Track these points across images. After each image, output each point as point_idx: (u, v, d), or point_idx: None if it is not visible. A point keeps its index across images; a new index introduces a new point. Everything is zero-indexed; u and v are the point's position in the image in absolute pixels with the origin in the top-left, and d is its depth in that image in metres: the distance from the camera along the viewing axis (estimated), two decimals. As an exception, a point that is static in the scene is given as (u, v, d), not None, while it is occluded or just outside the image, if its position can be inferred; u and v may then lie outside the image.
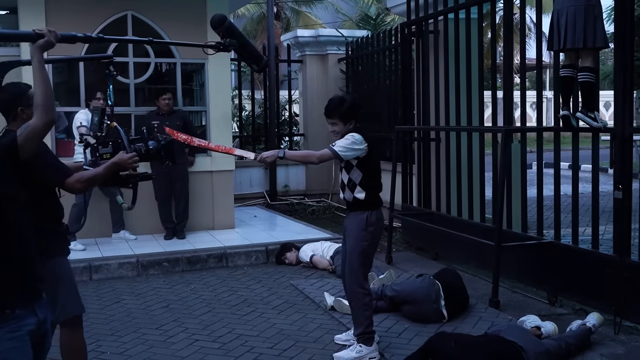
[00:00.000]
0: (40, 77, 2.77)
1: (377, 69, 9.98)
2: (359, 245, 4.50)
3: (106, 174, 3.42)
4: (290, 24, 23.83)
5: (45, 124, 2.75)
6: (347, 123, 4.46)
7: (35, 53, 2.81)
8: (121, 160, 3.42)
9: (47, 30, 2.85)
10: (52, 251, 3.46)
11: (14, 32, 3.16)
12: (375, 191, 4.54)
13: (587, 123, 5.26)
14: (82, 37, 3.22)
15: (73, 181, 3.37)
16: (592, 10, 5.11)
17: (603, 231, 6.51)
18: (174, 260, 7.20)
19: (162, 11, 8.27)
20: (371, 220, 4.46)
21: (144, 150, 3.59)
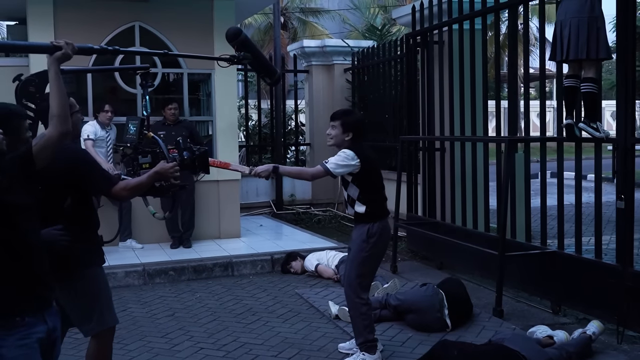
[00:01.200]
0: (57, 89, 2.83)
1: (382, 79, 10.04)
2: (358, 256, 4.53)
3: (149, 182, 3.50)
4: (297, 34, 23.95)
5: (61, 134, 2.81)
6: (345, 132, 4.49)
7: (52, 65, 2.87)
8: (163, 169, 3.48)
9: (64, 43, 2.90)
10: (92, 260, 3.52)
11: (32, 44, 3.21)
12: (377, 203, 4.57)
13: (590, 133, 5.29)
14: (98, 48, 3.28)
15: (119, 189, 3.46)
16: (595, 22, 5.15)
17: (608, 241, 6.53)
18: (180, 269, 7.25)
19: (169, 22, 8.36)
20: (372, 231, 4.48)
21: (180, 160, 3.64)
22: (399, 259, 7.69)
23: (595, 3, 5.16)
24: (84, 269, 3.45)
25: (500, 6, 6.53)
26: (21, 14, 8.47)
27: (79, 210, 3.47)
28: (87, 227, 3.54)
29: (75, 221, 3.41)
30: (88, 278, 3.47)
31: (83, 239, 3.44)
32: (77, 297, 3.44)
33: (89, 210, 3.57)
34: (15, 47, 3.30)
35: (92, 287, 3.49)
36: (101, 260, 3.65)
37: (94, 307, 3.49)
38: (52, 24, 7.86)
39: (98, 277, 3.56)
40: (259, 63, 3.90)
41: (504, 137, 6.38)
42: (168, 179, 3.54)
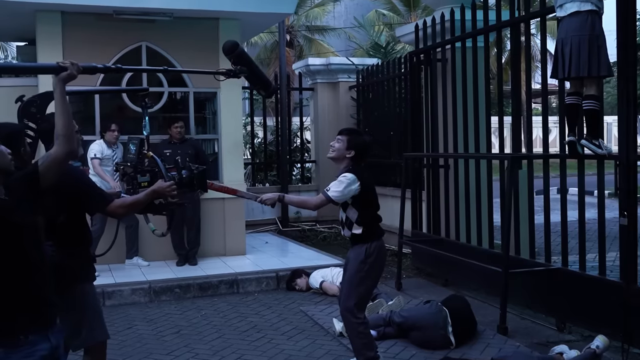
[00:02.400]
0: (62, 108, 2.88)
1: (387, 96, 10.10)
2: (355, 277, 4.54)
3: (146, 200, 3.57)
4: (303, 51, 24.05)
5: (66, 154, 2.86)
6: (348, 149, 4.53)
7: (57, 85, 2.93)
8: (160, 188, 3.56)
9: (69, 63, 2.96)
10: (81, 277, 3.57)
11: (38, 65, 3.28)
12: (373, 224, 4.59)
13: (592, 150, 5.32)
14: (101, 67, 3.34)
15: (115, 207, 3.53)
16: (596, 40, 5.19)
17: (614, 257, 6.53)
18: (185, 287, 7.29)
19: (175, 42, 8.46)
20: (370, 251, 4.50)
21: (178, 179, 3.71)
22: (404, 276, 7.71)
23: (595, 21, 5.20)
24: (74, 285, 3.51)
25: (502, 24, 6.60)
26: (30, 34, 8.58)
27: (72, 227, 3.54)
28: (79, 243, 3.61)
29: (68, 238, 3.49)
30: (78, 293, 3.53)
31: (74, 255, 3.52)
32: (67, 312, 3.45)
33: (82, 227, 3.64)
34: (22, 69, 3.37)
35: (82, 303, 3.55)
36: (92, 276, 3.71)
37: (83, 322, 3.55)
38: (60, 44, 7.97)
39: (88, 293, 3.63)
40: (254, 76, 3.96)
41: (506, 154, 6.41)
42: (166, 197, 3.61)
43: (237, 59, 3.79)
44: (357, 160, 4.57)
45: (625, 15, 5.13)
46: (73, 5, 7.70)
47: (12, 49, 22.21)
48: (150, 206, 3.66)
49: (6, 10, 7.81)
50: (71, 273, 3.47)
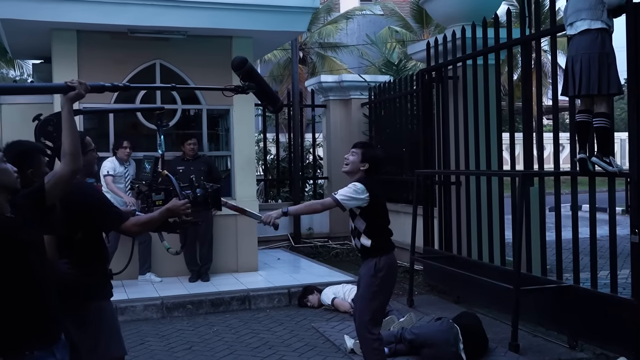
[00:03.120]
0: (69, 127, 2.95)
1: (399, 113, 10.15)
2: (367, 292, 4.57)
3: (160, 219, 3.61)
4: (316, 68, 24.20)
5: (73, 172, 2.92)
6: (362, 161, 4.59)
7: (65, 104, 2.99)
8: (174, 206, 3.59)
9: (77, 83, 3.03)
10: (97, 294, 3.60)
11: (46, 86, 3.37)
12: (383, 238, 4.61)
13: (603, 168, 5.32)
14: (109, 86, 3.41)
15: (130, 225, 3.56)
16: (606, 58, 5.21)
17: (627, 275, 6.50)
18: (197, 303, 7.32)
19: (189, 60, 8.56)
20: (379, 266, 4.52)
21: (192, 197, 3.75)
22: (416, 293, 7.70)
23: (605, 39, 5.23)
24: (91, 302, 3.54)
25: (513, 42, 6.63)
26: (46, 52, 8.73)
27: (88, 244, 3.57)
28: (95, 260, 3.63)
29: (84, 255, 3.53)
30: (95, 310, 3.56)
31: (91, 272, 3.54)
32: (84, 328, 3.52)
33: (98, 244, 3.67)
34: (32, 89, 3.44)
35: (99, 319, 3.57)
36: (109, 293, 3.73)
37: (100, 338, 3.56)
38: (76, 62, 8.09)
39: (105, 309, 3.65)
40: (262, 92, 4.00)
41: (517, 172, 6.42)
42: (179, 216, 3.64)
43: (245, 75, 3.84)
44: (371, 173, 4.63)
45: (635, 32, 5.15)
46: (88, 24, 7.82)
47: (27, 66, 22.51)
48: (165, 224, 3.70)
49: (23, 29, 7.95)
50: (87, 290, 3.51)
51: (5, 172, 2.63)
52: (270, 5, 8.46)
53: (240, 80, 3.85)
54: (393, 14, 25.51)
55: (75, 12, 7.58)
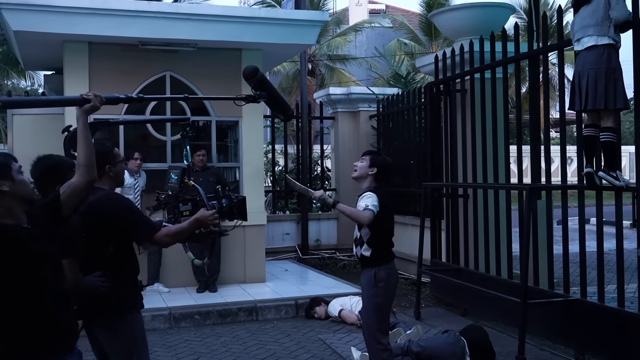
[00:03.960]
0: (84, 139, 3.00)
1: (407, 125, 10.18)
2: (370, 302, 4.63)
3: (190, 229, 3.60)
4: (324, 80, 24.29)
5: (88, 182, 2.96)
6: (370, 166, 4.69)
7: (81, 116, 3.05)
8: (203, 217, 3.58)
9: (93, 95, 3.09)
10: (129, 305, 3.62)
11: (62, 98, 3.42)
12: (384, 248, 4.67)
13: (610, 182, 5.34)
14: (123, 98, 3.45)
15: (162, 235, 3.56)
16: (613, 73, 5.24)
17: (635, 289, 6.49)
18: (205, 313, 7.35)
19: (198, 72, 8.64)
20: (380, 276, 4.58)
21: (218, 207, 3.78)
22: (423, 305, 7.71)
23: (612, 55, 5.26)
24: (124, 314, 3.56)
25: (521, 56, 6.67)
26: (58, 64, 8.83)
27: (120, 256, 3.58)
28: (128, 272, 3.65)
29: (117, 267, 3.53)
30: (127, 323, 3.58)
31: (123, 284, 3.56)
32: (116, 340, 3.56)
33: (130, 256, 3.68)
34: (48, 102, 3.47)
35: (130, 331, 3.60)
36: (140, 304, 3.75)
37: (132, 349, 3.59)
38: (87, 74, 8.17)
39: (136, 321, 3.67)
40: (273, 101, 4.03)
41: (525, 185, 6.44)
42: (207, 226, 3.64)
43: (257, 84, 3.88)
44: (379, 178, 4.72)
45: (642, 48, 5.18)
46: (100, 37, 7.91)
47: (39, 77, 22.70)
48: (192, 235, 3.69)
49: (35, 41, 8.04)
50: (119, 302, 3.53)
51: (23, 184, 2.68)
52: (280, 19, 8.55)
53: (252, 89, 3.89)
54: (402, 26, 25.65)
55: (87, 25, 7.67)
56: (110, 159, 3.63)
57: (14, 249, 2.57)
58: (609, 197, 5.72)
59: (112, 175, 3.63)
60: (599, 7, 5.29)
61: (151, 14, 7.90)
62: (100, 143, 3.72)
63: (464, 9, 8.62)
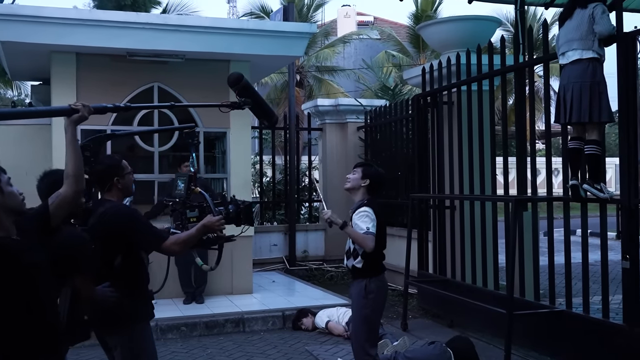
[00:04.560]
0: (73, 150, 3.01)
1: (394, 137, 10.22)
2: (360, 314, 4.65)
3: (197, 235, 3.66)
4: (313, 91, 24.36)
5: (76, 193, 2.97)
6: (363, 178, 4.73)
7: (69, 127, 3.05)
8: (210, 222, 3.64)
9: (81, 105, 3.10)
10: (139, 315, 3.68)
11: (51, 109, 3.44)
12: (375, 261, 4.68)
13: (594, 194, 5.39)
14: (111, 107, 3.47)
15: (170, 244, 3.61)
16: (598, 87, 5.31)
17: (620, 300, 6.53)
18: (192, 325, 7.32)
19: (186, 83, 8.64)
20: (370, 287, 4.59)
21: (225, 213, 3.83)
22: (410, 317, 7.72)
23: (597, 68, 5.33)
24: (133, 324, 3.61)
25: (507, 69, 6.74)
26: (45, 74, 8.81)
27: (129, 267, 3.63)
28: (137, 283, 3.70)
29: (126, 278, 3.59)
30: (136, 332, 3.64)
31: (132, 294, 3.60)
32: (127, 349, 3.61)
33: (139, 266, 3.73)
34: (36, 113, 3.48)
35: (140, 340, 3.65)
36: (150, 314, 3.81)
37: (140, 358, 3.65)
38: (74, 85, 8.16)
39: (146, 331, 3.74)
40: (258, 107, 4.05)
41: (511, 197, 6.49)
42: (215, 232, 3.71)
43: (241, 90, 3.91)
44: (372, 189, 4.75)
45: (626, 60, 5.25)
46: (88, 47, 7.90)
47: (26, 87, 22.62)
48: (199, 241, 3.76)
49: (22, 51, 8.03)
50: (129, 312, 3.58)
51: (12, 195, 2.68)
52: (268, 30, 8.58)
53: (237, 96, 3.92)
54: (390, 38, 25.79)
55: (75, 35, 7.67)
56: (119, 171, 3.72)
57: (6, 261, 2.56)
58: (594, 209, 5.77)
59: (120, 187, 3.72)
60: (583, 22, 5.36)
61: (139, 25, 7.91)
62: (108, 156, 3.89)
63: (451, 21, 8.71)
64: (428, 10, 23.35)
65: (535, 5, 11.94)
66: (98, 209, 3.57)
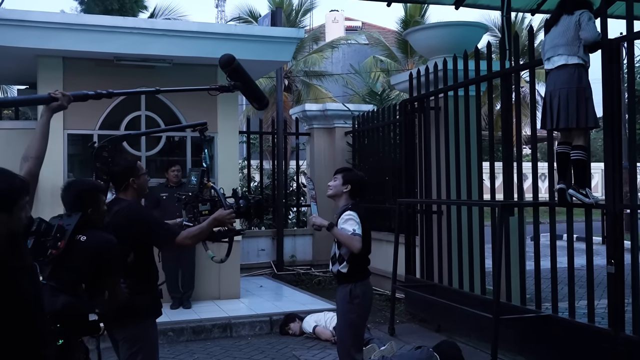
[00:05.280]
0: (43, 134, 3.10)
1: (382, 142, 10.25)
2: (345, 319, 4.66)
3: (209, 228, 3.78)
4: (301, 96, 24.35)
5: (35, 176, 3.02)
6: (344, 183, 4.73)
7: (45, 113, 3.14)
8: (221, 216, 3.77)
9: (60, 94, 3.16)
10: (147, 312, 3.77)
11: (31, 97, 3.51)
12: (360, 265, 4.69)
13: (580, 200, 5.43)
14: (92, 94, 3.50)
15: (182, 238, 3.72)
16: (584, 93, 5.35)
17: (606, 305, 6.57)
18: (179, 330, 7.29)
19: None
20: (355, 292, 4.60)
21: (235, 207, 3.92)
22: (397, 321, 7.73)
23: (582, 74, 5.37)
24: (141, 320, 3.71)
25: (493, 75, 6.77)
26: (32, 78, 8.76)
27: (141, 264, 3.72)
28: (148, 280, 3.79)
29: (137, 275, 3.69)
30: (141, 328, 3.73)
31: (143, 291, 3.71)
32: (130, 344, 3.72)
33: (150, 264, 3.82)
34: (15, 102, 3.52)
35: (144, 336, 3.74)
36: (158, 312, 3.88)
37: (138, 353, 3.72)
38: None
39: (151, 327, 3.82)
40: (248, 90, 4.07)
41: (497, 202, 6.52)
42: (225, 225, 3.82)
43: (232, 72, 3.92)
44: (354, 194, 4.76)
45: (610, 67, 5.30)
46: (74, 52, 7.88)
47: (13, 91, 22.48)
48: (211, 234, 3.87)
49: (8, 55, 7.99)
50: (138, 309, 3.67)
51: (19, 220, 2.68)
52: (256, 35, 8.58)
53: (227, 78, 3.92)
54: (378, 43, 25.85)
55: (62, 40, 7.64)
56: (134, 172, 3.84)
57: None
58: (580, 214, 5.81)
59: (136, 187, 3.84)
60: (569, 28, 5.40)
61: (126, 29, 7.90)
62: (124, 158, 4.04)
63: (438, 27, 8.74)
64: (416, 16, 23.41)
65: (522, 12, 12.00)
66: (113, 208, 3.71)
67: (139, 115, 8.54)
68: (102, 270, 3.25)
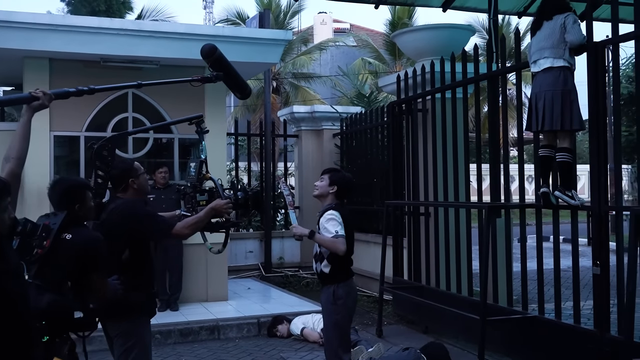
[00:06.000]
0: (24, 134, 3.08)
1: (370, 144, 10.27)
2: (330, 320, 4.68)
3: (206, 218, 3.80)
4: (289, 98, 24.33)
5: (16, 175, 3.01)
6: (330, 185, 4.73)
7: (27, 112, 3.11)
8: (218, 206, 3.79)
9: (42, 94, 3.14)
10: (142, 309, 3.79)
11: (12, 97, 3.47)
12: (343, 265, 4.69)
13: (565, 201, 5.46)
14: (74, 91, 3.46)
15: (180, 228, 3.76)
16: (569, 95, 5.38)
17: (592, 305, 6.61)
18: (166, 333, 7.27)
19: (161, 89, 8.57)
20: (338, 293, 4.61)
21: (233, 199, 3.95)
22: (385, 323, 7.74)
23: (568, 77, 5.41)
24: (135, 317, 3.73)
25: (480, 77, 6.81)
26: (18, 80, 8.71)
27: (136, 261, 3.74)
28: (143, 277, 3.80)
29: (132, 271, 3.70)
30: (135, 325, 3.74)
31: (138, 288, 3.72)
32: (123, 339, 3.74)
33: (146, 261, 3.83)
34: None
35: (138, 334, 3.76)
36: (152, 311, 3.90)
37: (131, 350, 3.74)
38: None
39: (145, 325, 3.83)
40: (231, 79, 4.07)
41: (484, 204, 6.54)
42: (222, 215, 3.85)
43: (214, 62, 3.92)
44: (340, 194, 4.77)
45: (596, 69, 5.33)
46: (61, 53, 7.84)
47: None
48: (208, 224, 3.89)
49: (-6, 56, 7.95)
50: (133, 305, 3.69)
51: None
52: (244, 37, 8.58)
53: (209, 68, 3.91)
54: (366, 45, 25.86)
55: (48, 41, 7.60)
56: (132, 173, 3.88)
57: None
58: (566, 215, 5.85)
59: (136, 187, 3.87)
60: (555, 31, 5.44)
61: (114, 31, 7.87)
62: (121, 160, 4.07)
63: (425, 30, 8.78)
64: (404, 18, 23.45)
65: (509, 14, 12.07)
66: (109, 205, 3.77)
67: (126, 117, 8.51)
68: (87, 267, 3.26)
